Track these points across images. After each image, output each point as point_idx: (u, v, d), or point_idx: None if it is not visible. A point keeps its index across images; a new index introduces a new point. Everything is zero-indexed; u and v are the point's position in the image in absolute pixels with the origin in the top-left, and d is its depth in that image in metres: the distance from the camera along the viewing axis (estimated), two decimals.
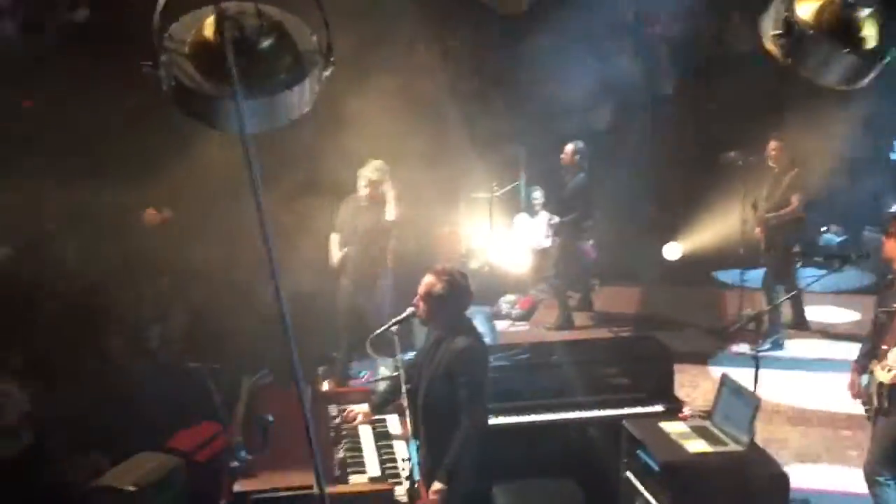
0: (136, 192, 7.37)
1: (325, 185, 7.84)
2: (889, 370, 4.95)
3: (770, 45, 4.33)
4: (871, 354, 5.32)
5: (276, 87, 3.31)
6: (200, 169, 6.78)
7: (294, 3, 3.39)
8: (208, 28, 3.16)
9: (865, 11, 4.09)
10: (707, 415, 5.52)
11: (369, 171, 7.54)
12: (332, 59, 3.45)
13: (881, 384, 5.11)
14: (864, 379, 5.38)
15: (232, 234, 7.13)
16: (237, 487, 3.98)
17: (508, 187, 10.55)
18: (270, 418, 4.22)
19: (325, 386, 5.69)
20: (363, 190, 7.55)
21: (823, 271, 7.62)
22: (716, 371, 7.94)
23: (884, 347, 5.09)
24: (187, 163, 6.84)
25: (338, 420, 4.95)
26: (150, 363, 7.20)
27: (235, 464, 4.06)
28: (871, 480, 5.30)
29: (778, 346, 9.01)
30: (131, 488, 5.06)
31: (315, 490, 3.09)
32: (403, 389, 4.43)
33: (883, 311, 5.30)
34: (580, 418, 5.83)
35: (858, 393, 5.46)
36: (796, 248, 8.94)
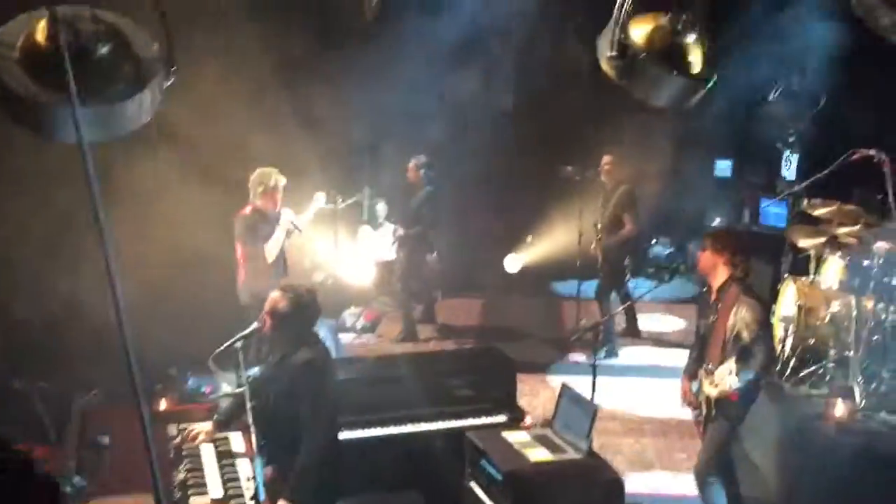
0: None
1: (161, 195, 7.57)
2: (715, 385, 5.22)
3: (605, 66, 4.53)
4: (698, 363, 5.61)
5: (115, 95, 3.19)
6: (20, 175, 6.44)
7: (132, 9, 3.29)
8: (41, 32, 3.02)
9: (691, 38, 4.34)
10: (548, 423, 5.67)
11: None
12: (174, 67, 3.36)
13: (708, 397, 5.40)
14: (694, 386, 5.67)
15: (61, 245, 6.78)
16: None
17: (352, 199, 10.51)
18: (106, 440, 4.04)
19: (163, 404, 5.49)
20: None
21: (654, 282, 7.98)
22: (555, 380, 8.17)
23: (709, 366, 5.36)
24: (20, 168, 6.49)
25: (178, 439, 4.79)
26: None
27: (68, 489, 3.86)
28: (701, 481, 5.57)
29: (613, 354, 9.36)
30: None
31: None
32: (248, 406, 4.34)
33: (703, 323, 5.61)
34: (424, 430, 5.86)
35: (690, 401, 5.74)
36: (627, 261, 9.32)
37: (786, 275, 7.96)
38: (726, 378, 5.04)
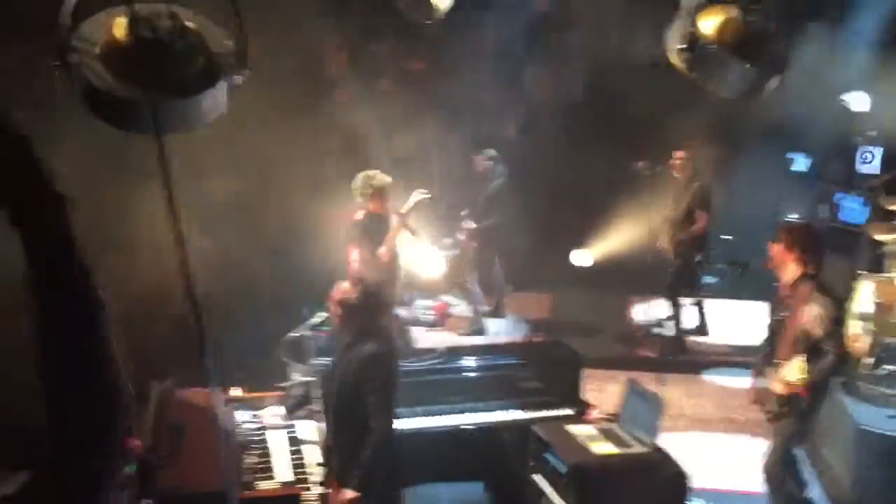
0: None
1: (239, 192, 7.74)
2: (785, 382, 5.15)
3: (675, 58, 4.50)
4: (768, 359, 5.54)
5: (190, 90, 3.29)
6: (96, 170, 6.64)
7: (208, 6, 3.38)
8: (120, 28, 3.12)
9: (763, 28, 4.28)
10: (614, 418, 5.66)
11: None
12: (246, 63, 3.44)
13: (777, 394, 5.32)
14: (762, 383, 5.60)
15: (138, 238, 6.98)
16: (145, 495, 3.92)
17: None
18: (181, 424, 4.18)
19: (237, 391, 5.63)
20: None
21: (724, 278, 7.90)
22: (623, 376, 8.12)
23: (776, 361, 5.30)
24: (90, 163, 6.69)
25: (251, 426, 4.93)
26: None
27: (146, 470, 4.00)
28: (769, 475, 5.50)
29: (681, 352, 9.26)
30: None
31: (225, 495, 3.08)
32: (320, 394, 4.44)
33: (775, 319, 5.53)
34: (490, 422, 5.91)
35: (756, 399, 5.67)
36: (699, 258, 9.19)
37: (863, 271, 7.78)
38: (796, 374, 4.98)
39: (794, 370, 5.03)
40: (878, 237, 7.54)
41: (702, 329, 9.91)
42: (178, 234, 2.91)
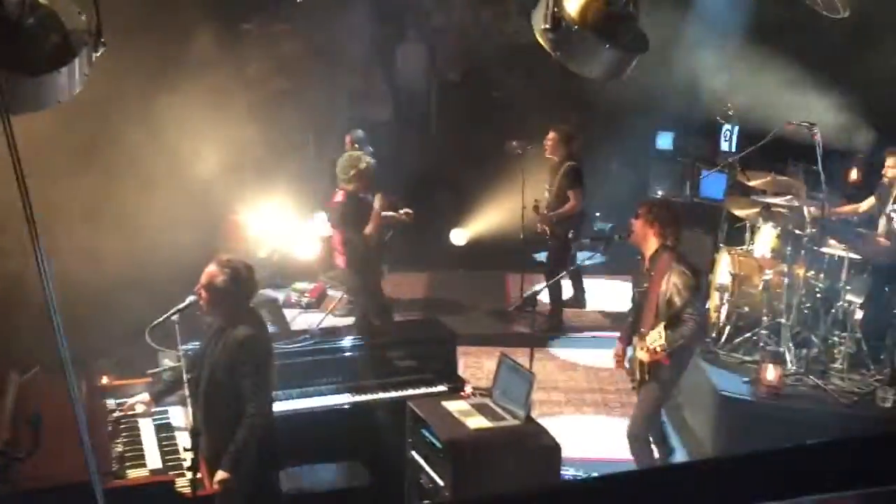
0: None
1: (101, 166, 7.47)
2: (647, 349, 5.36)
3: (540, 38, 4.59)
4: (632, 329, 5.75)
5: (42, 67, 3.17)
6: None
7: None
8: None
9: (623, 10, 4.41)
10: (488, 393, 5.77)
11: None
12: (102, 39, 3.34)
13: (641, 361, 5.54)
14: (630, 351, 5.82)
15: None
16: (6, 486, 3.78)
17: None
18: (40, 416, 4.03)
19: (104, 379, 5.47)
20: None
21: (592, 253, 8.14)
22: (499, 352, 8.26)
23: (642, 330, 5.51)
24: None
25: (117, 413, 4.80)
26: None
27: (2, 462, 3.85)
28: (633, 442, 5.73)
29: (556, 327, 9.48)
30: None
31: (91, 484, 2.99)
32: (185, 378, 4.36)
33: (637, 291, 5.75)
34: (366, 401, 5.91)
35: (620, 363, 5.89)
36: (571, 235, 9.39)
37: (722, 245, 8.14)
38: (657, 341, 5.17)
39: (654, 337, 5.23)
40: (737, 212, 7.89)
41: (579, 301, 10.15)
42: (31, 219, 2.82)
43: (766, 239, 7.39)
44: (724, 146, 10.70)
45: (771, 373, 6.48)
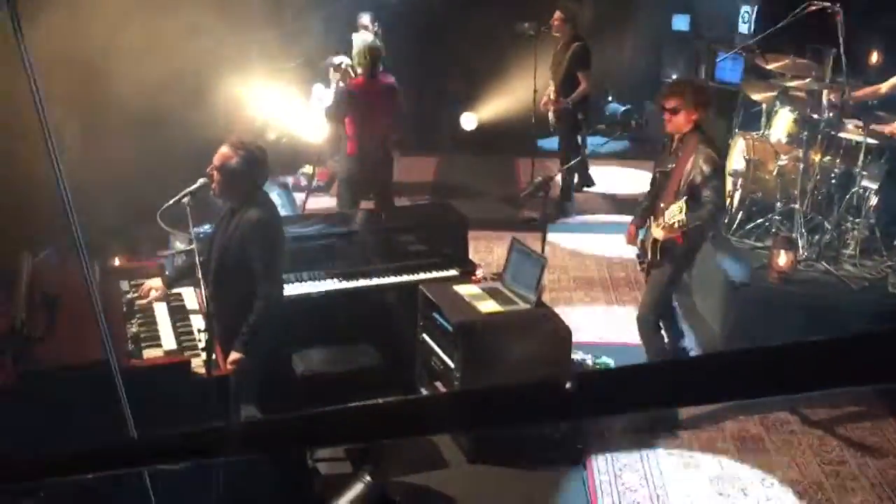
0: None
1: (112, 47, 7.34)
2: (662, 227, 5.29)
3: None
4: (649, 211, 5.69)
5: None
6: None
7: None
8: None
9: None
10: (499, 277, 5.78)
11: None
12: None
13: (655, 240, 5.48)
14: (642, 233, 5.76)
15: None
16: (23, 367, 3.83)
17: (302, 59, 10.30)
18: (56, 297, 4.05)
19: (117, 261, 5.49)
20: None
21: (607, 139, 8.01)
22: (509, 237, 8.27)
23: (661, 206, 5.42)
24: None
25: (131, 295, 4.83)
26: None
27: (20, 343, 3.89)
28: (643, 325, 5.72)
29: (568, 212, 9.45)
30: None
31: (107, 364, 3.02)
32: (198, 261, 4.36)
33: (660, 171, 5.65)
34: (378, 285, 5.94)
35: (632, 240, 5.83)
36: (580, 117, 9.26)
37: (737, 130, 8.01)
38: (676, 216, 5.08)
39: (674, 212, 5.12)
40: (754, 96, 7.74)
41: (587, 181, 10.08)
42: (38, 97, 2.76)
43: (782, 123, 7.26)
44: (743, 28, 10.42)
45: (783, 258, 6.46)
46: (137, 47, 7.21)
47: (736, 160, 7.51)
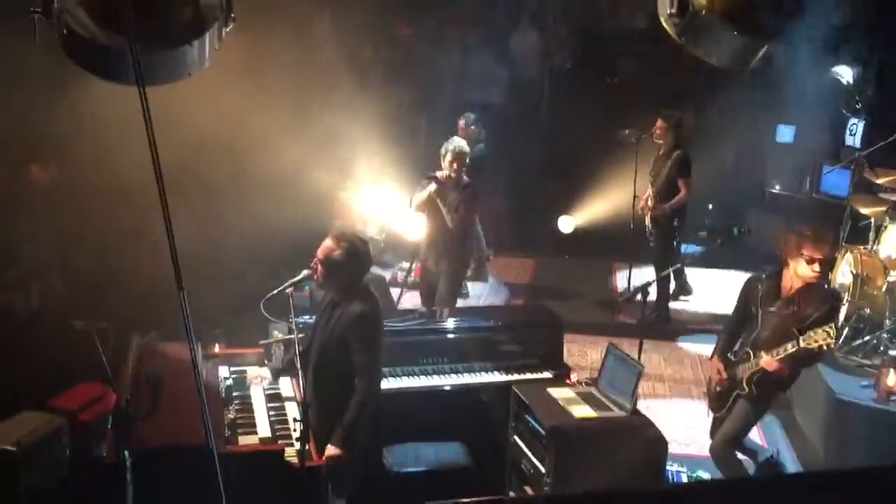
0: (16, 145, 7.10)
1: (219, 146, 7.68)
2: (811, 342, 5.00)
3: (666, 23, 4.48)
4: (732, 345, 5.56)
5: (176, 40, 3.25)
6: (88, 122, 6.57)
7: None
8: None
9: None
10: (593, 382, 5.70)
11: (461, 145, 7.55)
12: (232, 14, 3.40)
13: (754, 373, 5.31)
14: (733, 366, 5.56)
15: (121, 192, 6.93)
16: (126, 445, 3.92)
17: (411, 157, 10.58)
18: (160, 377, 4.17)
19: (217, 347, 5.63)
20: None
21: (705, 247, 7.93)
22: (604, 341, 8.17)
23: (777, 339, 5.24)
24: (74, 115, 6.62)
25: (230, 381, 4.93)
26: (32, 321, 6.98)
27: (123, 422, 4.00)
28: (719, 457, 5.52)
29: (664, 319, 9.30)
30: (12, 448, 4.93)
31: (204, 448, 3.08)
32: (297, 351, 4.43)
33: (766, 311, 5.38)
34: (472, 383, 5.93)
35: (722, 379, 5.59)
36: (676, 223, 9.17)
37: (843, 243, 7.84)
38: (824, 339, 4.88)
39: (821, 335, 4.91)
40: (862, 209, 7.59)
41: (684, 291, 9.94)
42: (162, 189, 2.89)
43: (892, 239, 7.08)
44: (849, 141, 10.28)
45: (891, 378, 6.21)
46: (255, 145, 7.54)
47: (843, 274, 7.32)
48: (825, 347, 4.95)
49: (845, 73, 10.26)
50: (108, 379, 5.67)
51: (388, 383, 5.60)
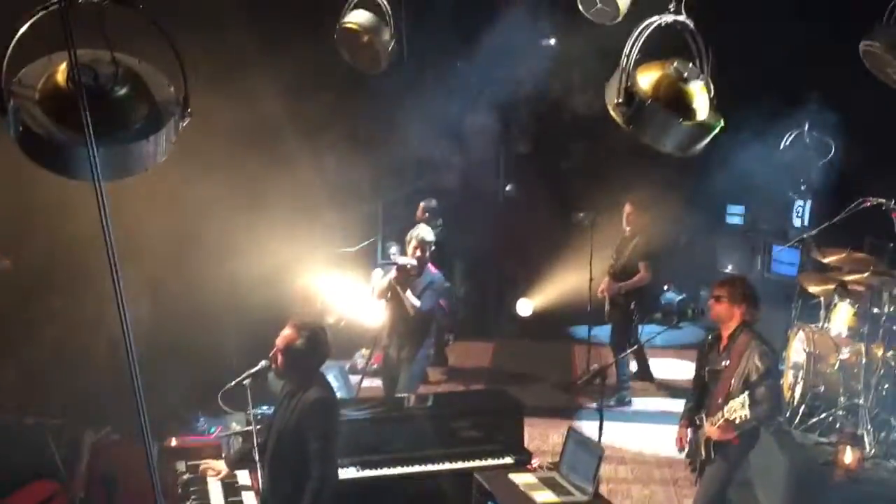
0: None
1: (177, 234, 7.66)
2: (718, 425, 5.25)
3: (613, 112, 4.61)
4: (696, 410, 5.64)
5: (132, 136, 3.28)
6: (42, 214, 6.53)
7: (150, 53, 3.38)
8: (61, 74, 3.11)
9: (697, 85, 4.42)
10: (555, 466, 5.68)
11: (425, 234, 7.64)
12: (188, 109, 3.45)
13: (708, 438, 5.40)
14: (690, 433, 5.69)
15: (76, 285, 6.85)
16: None
17: (366, 242, 10.62)
18: (115, 475, 4.09)
19: (173, 441, 5.54)
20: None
21: (662, 327, 8.01)
22: (565, 424, 8.15)
23: (715, 403, 5.38)
24: (27, 207, 6.59)
25: (187, 476, 4.84)
26: None
27: None
28: None
29: (624, 400, 9.31)
30: None
31: None
32: (255, 442, 4.38)
33: (709, 370, 5.60)
34: (432, 471, 5.88)
35: (683, 446, 5.75)
36: (633, 306, 9.29)
37: (795, 322, 7.96)
38: (737, 411, 5.03)
39: (735, 407, 5.07)
40: (811, 289, 7.74)
41: (645, 374, 10.00)
42: (117, 282, 2.88)
43: (842, 317, 7.22)
44: (796, 222, 10.53)
45: (849, 455, 6.26)
46: (208, 235, 7.53)
47: (796, 352, 7.43)
48: (738, 420, 5.08)
49: (789, 156, 10.55)
50: (61, 478, 5.52)
51: (346, 473, 5.53)
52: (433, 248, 7.72)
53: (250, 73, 8.19)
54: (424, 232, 7.67)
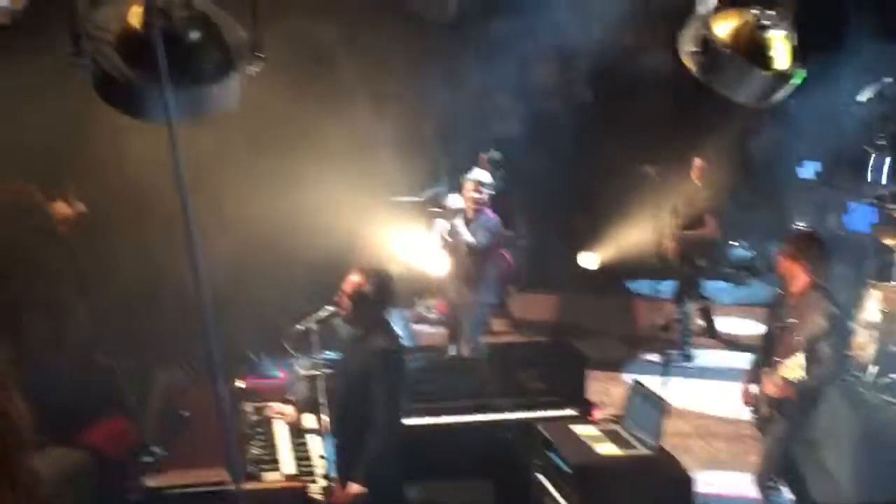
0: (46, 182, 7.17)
1: (242, 177, 7.72)
2: (778, 383, 5.15)
3: (687, 61, 4.50)
4: (761, 366, 5.54)
5: (203, 79, 3.30)
6: (114, 159, 6.63)
7: None
8: (135, 17, 3.13)
9: (778, 34, 4.27)
10: (618, 419, 5.66)
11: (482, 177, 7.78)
12: (260, 54, 3.45)
13: (770, 398, 5.31)
14: (755, 389, 5.59)
15: (145, 227, 6.97)
16: (149, 483, 3.93)
17: (430, 192, 10.61)
18: (185, 414, 4.18)
19: (241, 383, 5.64)
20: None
21: (732, 284, 7.89)
22: (628, 378, 8.11)
23: (777, 360, 5.28)
24: (101, 153, 6.69)
25: (255, 417, 4.93)
26: (55, 357, 7.00)
27: (148, 459, 4.01)
28: (762, 487, 5.50)
29: (686, 357, 9.23)
30: None
31: (229, 486, 3.08)
32: (321, 387, 4.43)
33: (777, 326, 5.50)
34: (495, 420, 5.91)
35: (749, 400, 5.65)
36: (701, 262, 9.16)
37: (869, 280, 7.76)
38: (795, 372, 4.95)
39: (793, 368, 5.00)
40: (887, 241, 7.53)
41: (710, 331, 9.90)
42: (189, 224, 2.91)
43: None
44: (873, 177, 10.21)
45: None
46: (271, 179, 7.58)
47: (870, 311, 7.25)
48: (800, 377, 4.98)
49: (868, 110, 10.22)
50: (133, 416, 5.67)
51: (411, 420, 5.58)
52: (490, 191, 7.71)
53: (314, 19, 8.18)
54: (481, 174, 7.66)
